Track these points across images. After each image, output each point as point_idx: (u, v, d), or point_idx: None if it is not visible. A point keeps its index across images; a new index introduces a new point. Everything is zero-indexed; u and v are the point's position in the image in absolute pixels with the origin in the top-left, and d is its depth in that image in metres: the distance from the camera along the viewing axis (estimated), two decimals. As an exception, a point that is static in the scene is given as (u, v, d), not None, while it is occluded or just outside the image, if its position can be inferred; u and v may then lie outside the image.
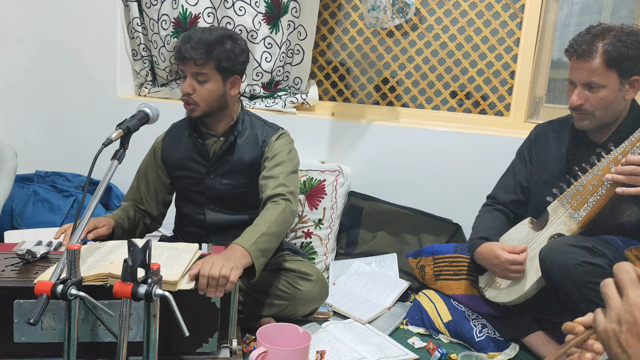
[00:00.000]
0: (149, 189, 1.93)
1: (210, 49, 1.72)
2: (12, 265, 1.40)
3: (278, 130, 1.89)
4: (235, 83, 1.82)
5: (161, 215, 1.98)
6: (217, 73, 1.76)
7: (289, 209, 1.69)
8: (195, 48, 1.71)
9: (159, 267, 1.14)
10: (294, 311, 1.84)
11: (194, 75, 1.75)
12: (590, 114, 1.66)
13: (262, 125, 1.90)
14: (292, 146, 1.89)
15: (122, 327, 1.12)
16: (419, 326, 1.94)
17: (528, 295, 1.71)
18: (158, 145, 1.95)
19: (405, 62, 2.61)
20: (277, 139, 1.86)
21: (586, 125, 1.69)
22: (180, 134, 1.92)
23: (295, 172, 1.83)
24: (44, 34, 2.78)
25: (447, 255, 1.99)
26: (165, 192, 1.96)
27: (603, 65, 1.60)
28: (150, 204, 1.93)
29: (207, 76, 1.75)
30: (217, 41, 1.74)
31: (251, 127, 1.88)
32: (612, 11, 2.36)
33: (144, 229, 1.94)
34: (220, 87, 1.78)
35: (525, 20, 2.42)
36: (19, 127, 2.87)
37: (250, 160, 1.84)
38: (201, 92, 1.76)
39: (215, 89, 1.77)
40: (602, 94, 1.63)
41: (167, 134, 1.96)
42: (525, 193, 1.92)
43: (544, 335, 1.77)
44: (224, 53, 1.74)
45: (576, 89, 1.66)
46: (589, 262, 1.51)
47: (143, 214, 1.93)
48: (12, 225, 2.44)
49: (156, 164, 1.94)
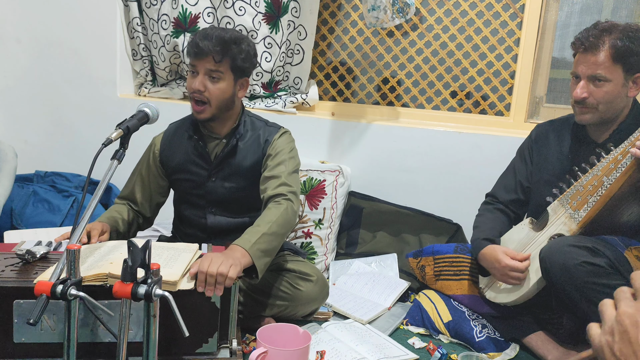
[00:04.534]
0: (144, 190, 1.90)
1: (227, 47, 1.71)
2: (11, 266, 1.40)
3: (280, 129, 1.89)
4: (244, 85, 1.82)
5: (153, 216, 1.96)
6: (231, 73, 1.75)
7: (290, 209, 1.68)
8: (215, 44, 1.70)
9: (159, 267, 1.14)
10: (294, 311, 1.84)
11: (207, 72, 1.73)
12: (594, 108, 1.66)
13: (264, 125, 1.89)
14: (293, 145, 1.88)
15: (122, 327, 1.12)
16: (419, 326, 1.94)
17: (528, 295, 1.71)
18: (156, 146, 1.91)
19: (405, 62, 2.61)
20: (280, 137, 1.85)
21: (587, 120, 1.69)
22: (179, 135, 1.89)
23: (296, 172, 1.83)
24: (44, 34, 2.78)
25: (447, 255, 1.99)
26: (160, 194, 1.93)
27: (609, 59, 1.61)
28: (144, 206, 1.90)
29: (221, 74, 1.73)
30: (234, 40, 1.73)
31: (252, 129, 1.87)
32: (612, 11, 2.37)
33: (137, 228, 1.92)
34: (231, 87, 1.77)
35: (525, 20, 2.41)
36: (19, 127, 2.87)
37: (252, 162, 1.83)
38: (213, 91, 1.74)
39: (227, 89, 1.76)
40: (606, 88, 1.63)
41: (166, 134, 1.93)
42: (525, 192, 1.92)
43: (544, 335, 1.77)
44: (241, 53, 1.74)
45: (581, 82, 1.66)
46: (589, 262, 1.51)
47: (136, 214, 1.90)
48: (12, 225, 2.44)
49: (154, 166, 1.91)
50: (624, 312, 0.69)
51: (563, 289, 1.57)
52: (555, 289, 1.62)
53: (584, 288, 1.52)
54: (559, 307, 1.73)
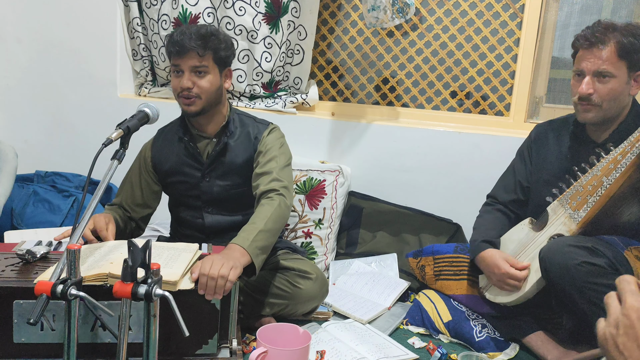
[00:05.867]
0: (136, 196, 1.89)
1: (207, 40, 1.74)
2: (12, 265, 1.40)
3: (269, 125, 1.90)
4: (228, 75, 1.85)
5: (144, 223, 1.95)
6: (215, 65, 1.78)
7: (283, 204, 1.69)
8: (195, 39, 1.72)
9: (159, 267, 1.14)
10: (294, 310, 1.84)
11: (192, 68, 1.75)
12: (598, 106, 1.65)
13: (252, 122, 1.91)
14: (283, 140, 1.90)
15: (122, 328, 1.12)
16: (419, 326, 1.94)
17: (528, 295, 1.71)
18: (147, 152, 1.91)
19: (405, 62, 2.61)
20: (269, 134, 1.87)
21: (590, 118, 1.68)
22: (169, 139, 1.90)
23: (288, 166, 1.84)
24: (44, 34, 2.77)
25: (447, 255, 1.99)
26: (153, 200, 1.93)
27: (614, 55, 1.61)
28: (135, 211, 1.89)
29: (206, 68, 1.75)
30: (211, 33, 1.76)
31: (242, 126, 1.88)
32: (612, 11, 2.37)
33: (131, 230, 1.90)
34: (217, 79, 1.79)
35: (525, 20, 2.41)
36: (19, 127, 2.87)
37: (244, 159, 1.85)
38: (201, 84, 1.76)
39: (214, 81, 1.78)
40: (611, 85, 1.63)
41: (156, 140, 1.93)
42: (525, 193, 1.92)
43: (544, 335, 1.77)
44: (220, 43, 1.77)
45: (585, 78, 1.65)
46: (589, 262, 1.51)
47: (129, 220, 1.89)
48: (12, 225, 2.44)
49: (146, 172, 1.91)
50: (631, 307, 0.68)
51: (563, 289, 1.57)
52: (555, 289, 1.62)
53: (584, 288, 1.52)
54: (559, 307, 1.74)
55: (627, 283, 0.72)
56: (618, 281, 0.73)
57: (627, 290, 0.71)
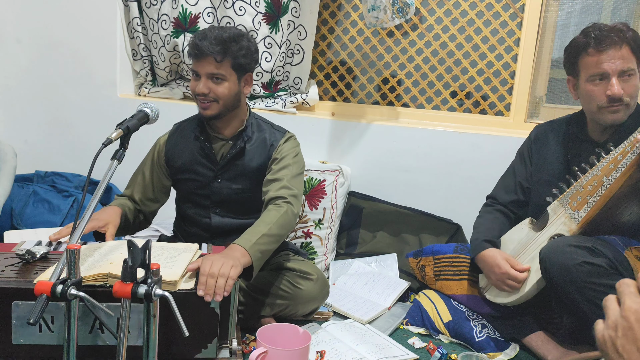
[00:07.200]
0: (147, 191, 1.91)
1: (227, 46, 1.72)
2: (11, 266, 1.40)
3: (285, 133, 1.90)
4: (248, 81, 1.83)
5: (152, 216, 1.96)
6: (233, 72, 1.76)
7: (290, 211, 1.69)
8: (214, 44, 1.70)
9: (159, 267, 1.14)
10: (294, 310, 1.84)
11: (209, 75, 1.74)
12: (626, 105, 1.66)
13: (270, 128, 1.90)
14: (298, 149, 1.89)
15: (122, 328, 1.12)
16: (419, 326, 1.94)
17: (528, 295, 1.70)
18: (161, 147, 1.92)
19: (405, 62, 2.61)
20: (285, 142, 1.87)
21: (621, 118, 1.67)
22: (185, 135, 1.90)
23: (300, 175, 1.84)
24: (44, 34, 2.77)
25: (447, 255, 1.99)
26: (163, 194, 1.94)
27: (630, 53, 1.63)
28: (146, 205, 1.91)
29: (223, 76, 1.74)
30: (232, 39, 1.73)
31: (259, 131, 1.88)
32: (612, 11, 2.36)
33: (139, 223, 1.92)
34: (236, 85, 1.78)
35: (525, 20, 2.41)
36: (19, 127, 2.87)
37: (258, 164, 1.84)
38: (218, 91, 1.75)
39: (232, 87, 1.77)
40: (634, 82, 1.65)
41: (171, 135, 1.94)
42: (525, 193, 1.92)
43: (544, 335, 1.77)
44: (240, 50, 1.74)
45: (612, 80, 1.63)
46: (589, 262, 1.51)
47: (138, 213, 1.91)
48: (12, 225, 2.44)
49: (158, 166, 1.92)
50: (629, 308, 0.68)
51: (563, 289, 1.57)
52: (555, 289, 1.62)
53: (584, 288, 1.52)
54: (559, 307, 1.73)
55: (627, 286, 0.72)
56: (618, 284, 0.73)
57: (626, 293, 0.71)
